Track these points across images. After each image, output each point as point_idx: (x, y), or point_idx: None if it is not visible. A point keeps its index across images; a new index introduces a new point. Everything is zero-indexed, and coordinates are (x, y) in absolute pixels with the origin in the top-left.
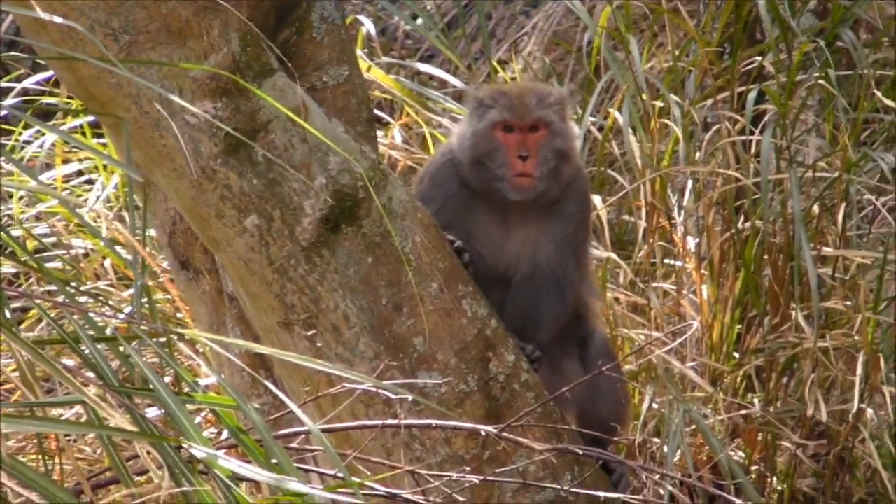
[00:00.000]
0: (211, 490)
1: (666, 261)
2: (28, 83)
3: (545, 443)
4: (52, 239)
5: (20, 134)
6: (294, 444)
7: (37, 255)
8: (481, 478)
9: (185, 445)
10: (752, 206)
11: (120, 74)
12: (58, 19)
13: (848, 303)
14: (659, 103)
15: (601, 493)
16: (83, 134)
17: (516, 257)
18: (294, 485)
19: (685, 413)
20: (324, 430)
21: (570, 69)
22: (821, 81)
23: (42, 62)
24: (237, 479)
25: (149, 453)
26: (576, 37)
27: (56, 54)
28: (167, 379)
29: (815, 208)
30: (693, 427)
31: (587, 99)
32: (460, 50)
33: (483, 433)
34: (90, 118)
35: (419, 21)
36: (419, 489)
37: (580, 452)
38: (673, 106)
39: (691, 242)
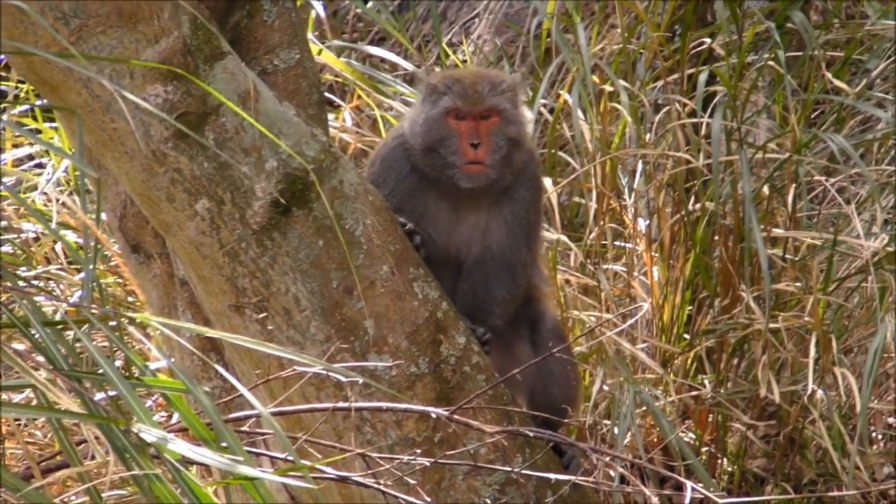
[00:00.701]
0: (161, 473)
1: (616, 243)
2: None
3: (496, 425)
4: (3, 223)
5: None
6: (245, 428)
7: None
8: (432, 460)
9: (135, 429)
10: (702, 187)
11: (70, 64)
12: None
13: (798, 284)
14: (609, 87)
15: (552, 475)
16: (34, 118)
17: (467, 241)
18: (244, 468)
19: (636, 395)
20: (274, 414)
21: (520, 52)
22: (771, 63)
23: None
24: (187, 462)
25: (97, 438)
26: (526, 19)
27: (6, 41)
28: (118, 363)
29: (766, 189)
30: (644, 409)
31: (538, 82)
32: (411, 32)
33: (434, 416)
34: (40, 102)
35: (370, 4)
36: (370, 472)
37: (531, 435)
38: (620, 89)
39: (642, 224)
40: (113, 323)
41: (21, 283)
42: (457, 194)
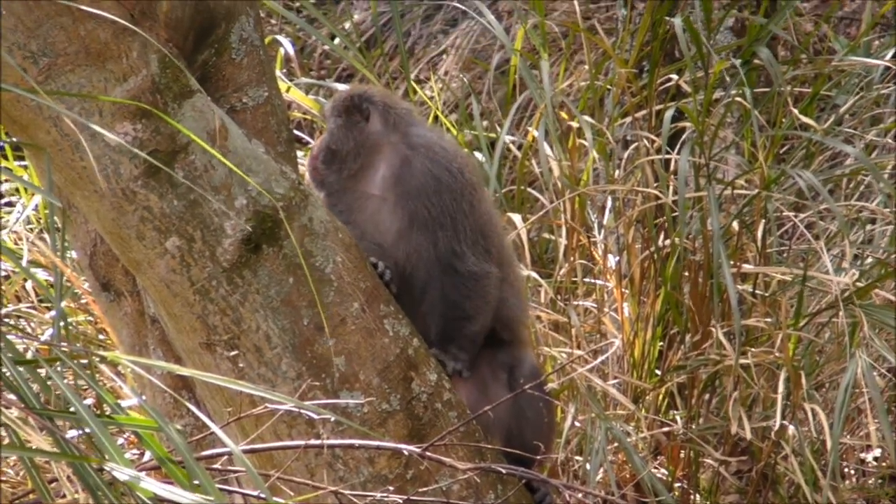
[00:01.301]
0: None
1: (587, 279)
2: None
3: (468, 462)
4: None
5: None
6: (217, 466)
7: None
8: (405, 497)
9: (107, 467)
10: (671, 223)
11: (39, 97)
12: None
13: (769, 320)
14: (576, 124)
15: None
16: (4, 156)
17: (396, 250)
18: None
19: (607, 431)
20: (246, 451)
21: (486, 87)
22: (738, 99)
23: None
24: (159, 501)
25: (69, 478)
26: (494, 55)
27: None
28: (89, 401)
29: (735, 225)
30: (615, 445)
31: (505, 118)
32: (378, 69)
33: (406, 453)
34: (11, 139)
35: (336, 40)
36: None
37: (503, 471)
38: (585, 126)
39: (612, 260)
40: (84, 361)
41: None
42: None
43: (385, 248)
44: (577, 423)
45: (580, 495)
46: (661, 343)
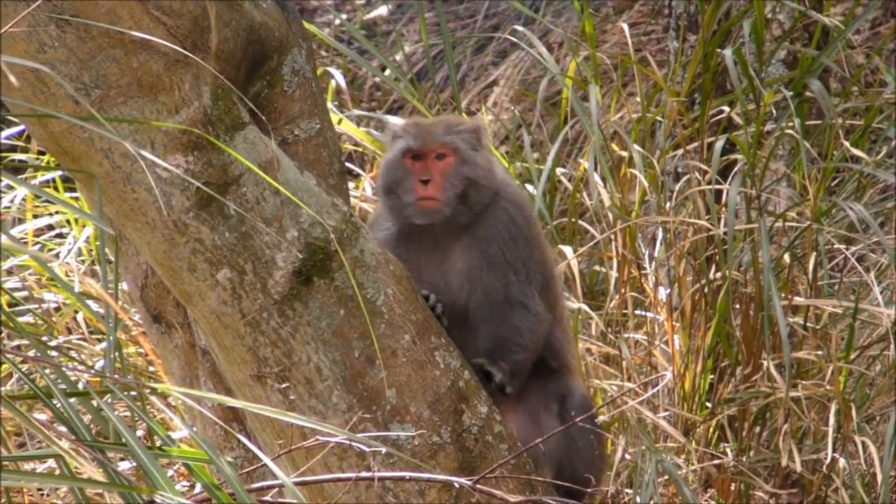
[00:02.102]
0: None
1: (637, 311)
2: None
3: (519, 495)
4: (24, 293)
5: None
6: (268, 498)
7: (9, 310)
8: None
9: (157, 499)
10: (722, 256)
11: (92, 129)
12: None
13: (819, 352)
14: (627, 153)
15: None
16: (55, 188)
17: (459, 286)
18: None
19: (658, 463)
20: (297, 484)
21: (536, 119)
22: (789, 131)
23: (13, 118)
24: None
25: None
26: (541, 86)
27: (27, 110)
28: (140, 433)
29: (786, 258)
30: (666, 477)
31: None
32: (429, 100)
33: (457, 485)
34: (61, 172)
35: (387, 72)
36: None
37: None
38: (636, 156)
39: (662, 293)
40: (135, 393)
41: (49, 353)
42: (430, 243)
43: (443, 286)
44: (627, 456)
45: None
46: (712, 376)
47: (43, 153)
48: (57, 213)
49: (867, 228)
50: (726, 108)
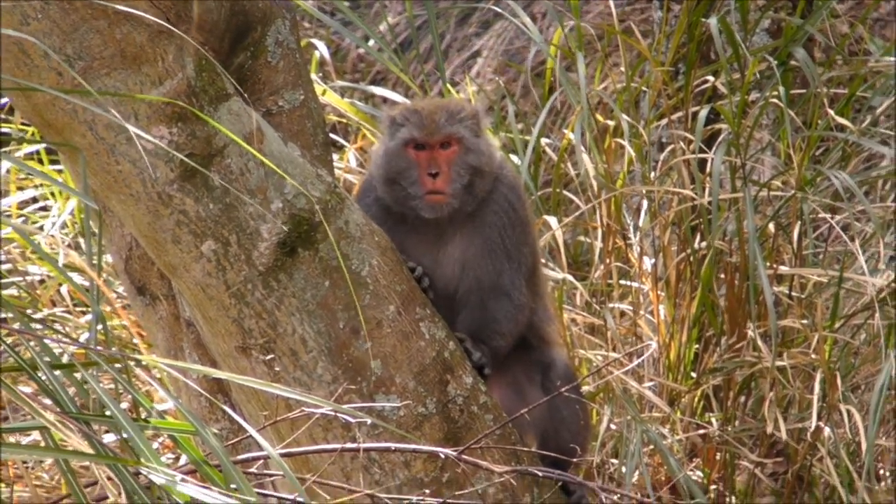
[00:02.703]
0: None
1: (622, 281)
2: None
3: (504, 465)
4: (8, 266)
5: None
6: (253, 469)
7: None
8: (441, 500)
9: (143, 471)
10: (707, 225)
11: (75, 101)
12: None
13: (804, 321)
14: (613, 123)
15: None
16: (39, 161)
17: (450, 275)
18: None
19: (643, 433)
20: (282, 455)
21: (520, 88)
22: (774, 100)
23: None
24: None
25: (110, 479)
26: (528, 56)
27: (10, 83)
28: (125, 405)
29: (771, 227)
30: (651, 447)
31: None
32: (413, 71)
33: (442, 456)
34: (45, 145)
35: (371, 42)
36: None
37: (539, 474)
38: (624, 125)
39: (647, 262)
40: (119, 365)
41: (33, 326)
42: (426, 228)
43: (436, 272)
44: (612, 426)
45: (616, 497)
46: (697, 345)
47: (27, 125)
48: (41, 185)
49: (852, 197)
50: (711, 78)
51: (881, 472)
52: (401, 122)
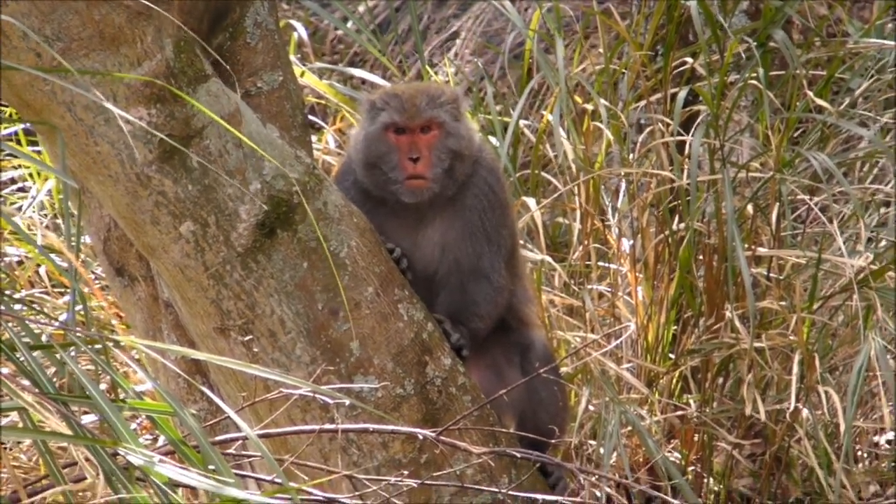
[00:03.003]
0: (148, 496)
1: (601, 263)
2: None
3: (482, 446)
4: None
5: None
6: (231, 450)
7: None
8: (419, 481)
9: (121, 452)
10: (686, 207)
11: (54, 82)
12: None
13: (783, 303)
14: (591, 106)
15: (539, 496)
16: (18, 142)
17: (430, 257)
18: (231, 490)
19: (621, 414)
20: (261, 436)
21: (498, 70)
22: (753, 82)
23: None
24: (174, 485)
25: (87, 459)
26: (506, 38)
27: None
28: (103, 386)
29: (749, 208)
30: (629, 428)
31: (517, 101)
32: (391, 52)
33: (420, 437)
34: (24, 125)
35: (349, 24)
36: (357, 493)
37: (517, 455)
38: (601, 108)
39: (626, 244)
40: (98, 346)
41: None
42: (410, 211)
43: (415, 255)
44: (591, 407)
45: (594, 479)
46: (675, 327)
47: (5, 106)
48: (20, 166)
49: (830, 178)
50: (689, 60)
51: (859, 453)
52: (381, 107)
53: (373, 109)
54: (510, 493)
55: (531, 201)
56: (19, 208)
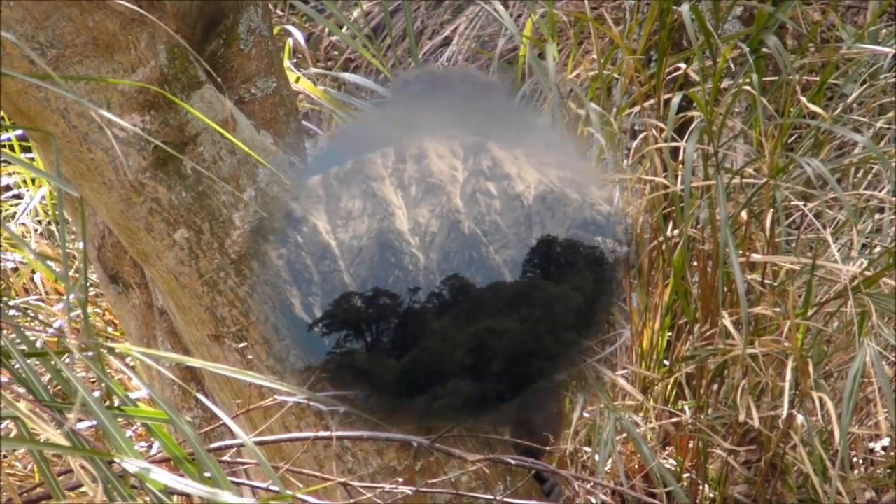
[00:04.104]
0: None
1: None
2: None
3: (477, 453)
4: None
5: None
6: (226, 458)
7: None
8: (414, 489)
9: (117, 459)
10: (680, 213)
11: (47, 89)
12: None
13: (777, 309)
14: (583, 112)
15: (534, 503)
16: (11, 148)
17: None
18: (227, 497)
19: (616, 421)
20: (256, 443)
21: (491, 74)
22: (746, 87)
23: None
24: (170, 492)
25: (83, 468)
26: (498, 43)
27: None
28: (97, 393)
29: (743, 214)
30: (624, 435)
31: None
32: (386, 57)
33: (415, 444)
34: (18, 132)
35: (344, 28)
36: (352, 501)
37: (512, 463)
38: (592, 114)
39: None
40: (93, 353)
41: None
42: None
43: None
44: (585, 414)
45: (589, 486)
46: (670, 333)
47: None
48: (14, 173)
49: (824, 184)
50: (683, 65)
51: (854, 459)
52: None
53: None
54: (505, 500)
55: None
56: (13, 215)
